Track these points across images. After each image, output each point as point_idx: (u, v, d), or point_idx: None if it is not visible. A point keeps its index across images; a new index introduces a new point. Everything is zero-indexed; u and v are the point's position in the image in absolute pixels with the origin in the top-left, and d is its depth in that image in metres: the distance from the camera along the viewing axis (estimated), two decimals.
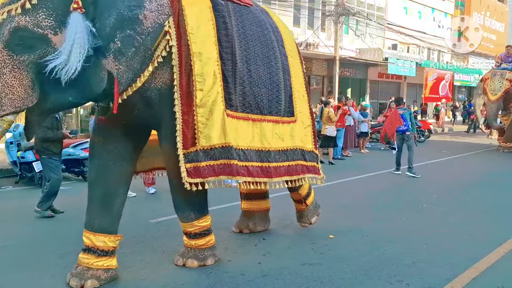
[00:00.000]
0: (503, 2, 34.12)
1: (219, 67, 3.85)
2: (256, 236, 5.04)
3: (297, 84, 4.74)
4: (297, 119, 4.60)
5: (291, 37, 5.09)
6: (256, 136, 4.10)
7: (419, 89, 25.45)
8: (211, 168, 3.72)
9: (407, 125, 9.30)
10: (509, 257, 4.55)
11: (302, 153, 4.59)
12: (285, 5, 17.76)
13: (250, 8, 4.40)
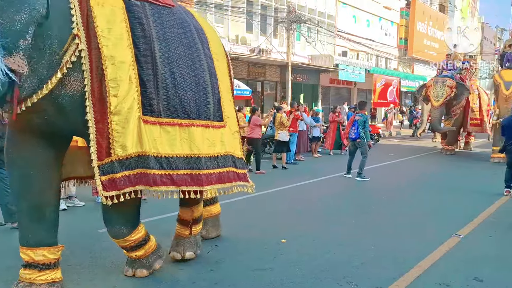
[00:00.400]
0: (444, 12, 36.02)
1: (135, 71, 3.62)
2: (208, 243, 5.01)
3: (224, 88, 4.54)
4: (226, 124, 4.41)
5: (218, 39, 4.86)
6: (185, 141, 3.87)
7: (368, 95, 26.29)
8: (127, 179, 3.51)
9: (357, 133, 9.42)
10: (451, 254, 4.79)
11: (233, 160, 4.38)
12: (238, 12, 17.86)
13: (172, 9, 4.15)
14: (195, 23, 4.43)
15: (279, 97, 20.55)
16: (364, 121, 9.43)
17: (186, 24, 4.23)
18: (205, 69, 4.21)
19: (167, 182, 3.70)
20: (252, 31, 19.44)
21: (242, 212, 6.58)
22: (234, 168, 4.36)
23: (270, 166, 11.05)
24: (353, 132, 9.44)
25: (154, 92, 3.73)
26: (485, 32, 44.50)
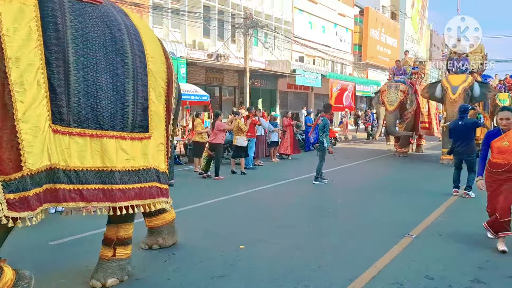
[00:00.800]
0: (396, 20, 37.42)
1: (44, 75, 3.28)
2: (165, 252, 4.93)
3: (156, 96, 4.12)
4: (152, 136, 4.03)
5: (155, 41, 4.38)
6: (96, 154, 3.55)
7: (325, 99, 26.83)
8: (37, 197, 3.20)
9: (316, 137, 9.46)
10: (404, 254, 4.95)
11: (157, 174, 4.03)
12: (195, 17, 17.78)
13: (98, 6, 3.76)
14: (128, 22, 4.04)
15: (237, 102, 20.60)
16: (324, 125, 9.46)
17: (115, 23, 3.84)
18: (129, 76, 3.82)
19: (75, 198, 3.42)
20: (209, 36, 19.42)
21: (200, 219, 6.53)
22: (158, 183, 4.04)
23: (228, 171, 11.04)
24: (313, 137, 9.53)
25: (65, 99, 3.40)
26: (434, 39, 46.65)
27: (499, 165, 4.99)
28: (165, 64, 4.29)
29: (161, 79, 4.19)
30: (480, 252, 5.03)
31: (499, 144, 4.98)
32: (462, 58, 13.37)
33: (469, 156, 8.15)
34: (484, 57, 14.96)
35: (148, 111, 4.00)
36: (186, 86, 13.61)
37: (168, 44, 15.36)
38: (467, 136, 8.18)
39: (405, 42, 38.07)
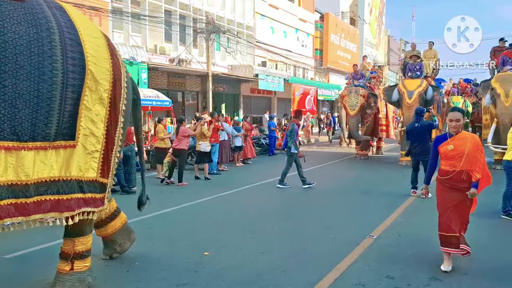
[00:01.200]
0: (355, 25, 38.38)
1: None
2: (127, 262, 4.83)
3: (92, 101, 3.74)
4: (78, 144, 3.69)
5: (100, 40, 3.94)
6: (10, 167, 3.25)
7: (288, 104, 27.15)
8: None
9: (285, 142, 9.70)
10: (365, 255, 5.06)
11: (79, 185, 3.71)
12: (156, 21, 17.57)
13: (23, 4, 3.39)
14: (62, 20, 3.62)
15: (200, 107, 20.49)
16: (291, 131, 9.64)
17: (43, 21, 3.46)
18: (57, 82, 3.45)
19: None
20: (171, 41, 19.24)
21: (164, 227, 6.44)
22: (80, 194, 3.71)
23: (192, 177, 10.95)
24: (283, 142, 9.76)
25: None
26: (391, 44, 48.16)
27: (447, 172, 4.55)
28: (109, 63, 3.89)
29: (104, 80, 3.82)
30: (437, 250, 5.20)
31: (445, 148, 4.56)
32: (417, 63, 13.78)
33: (425, 157, 8.31)
34: (437, 62, 15.56)
35: (77, 118, 3.65)
36: (147, 92, 13.44)
37: (129, 49, 15.12)
38: (423, 138, 8.50)
39: (364, 47, 39.09)
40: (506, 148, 11.42)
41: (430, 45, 16.09)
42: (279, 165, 13.95)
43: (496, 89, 11.79)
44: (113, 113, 3.91)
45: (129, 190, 9.14)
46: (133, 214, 6.99)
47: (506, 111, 11.48)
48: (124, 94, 4.06)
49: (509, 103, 11.46)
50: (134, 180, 9.49)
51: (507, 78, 11.81)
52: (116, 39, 16.65)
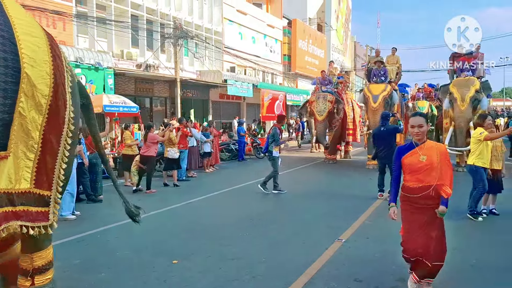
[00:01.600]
0: (322, 31, 38.97)
1: None
2: (93, 272, 4.69)
3: (28, 108, 3.31)
4: (11, 153, 3.28)
5: (40, 39, 3.49)
6: None
7: (257, 109, 27.23)
8: None
9: (266, 147, 9.78)
10: (334, 258, 5.11)
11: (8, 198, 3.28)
12: (122, 26, 17.30)
13: None
14: None
15: (168, 113, 20.27)
16: (273, 135, 9.69)
17: None
18: None
19: None
20: (138, 46, 18.97)
21: (131, 235, 6.30)
22: (10, 207, 3.28)
23: (161, 184, 10.80)
24: (265, 146, 9.80)
25: None
26: (357, 50, 49.16)
27: (413, 190, 3.93)
28: (50, 66, 3.46)
29: (43, 85, 3.38)
30: None
31: (411, 159, 3.94)
32: (381, 68, 14.16)
33: (391, 160, 8.61)
34: (400, 68, 16.00)
35: (10, 128, 3.20)
36: (114, 98, 13.19)
37: (94, 54, 14.82)
38: (389, 142, 8.71)
39: (332, 53, 39.73)
40: (461, 150, 11.97)
41: (393, 51, 16.43)
42: (249, 170, 14.00)
43: (453, 94, 12.30)
44: (54, 120, 3.49)
45: (96, 198, 8.92)
46: (98, 224, 6.86)
47: (462, 114, 11.99)
48: (70, 100, 3.67)
49: (465, 107, 11.96)
50: (100, 189, 9.28)
51: (463, 83, 12.33)
52: (81, 44, 16.30)
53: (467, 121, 11.90)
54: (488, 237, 6.15)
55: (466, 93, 11.98)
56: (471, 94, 11.97)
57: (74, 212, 7.46)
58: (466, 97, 11.94)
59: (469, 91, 12.00)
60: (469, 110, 11.96)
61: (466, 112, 11.93)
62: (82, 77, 13.94)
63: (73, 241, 5.98)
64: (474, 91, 12.02)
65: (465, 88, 12.10)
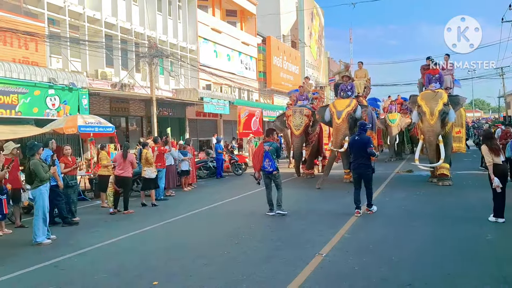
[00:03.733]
0: (296, 48, 39.59)
1: None
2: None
3: None
4: None
5: None
6: None
7: (234, 126, 27.29)
8: None
9: (273, 165, 8.80)
10: (315, 273, 5.13)
11: None
12: (96, 46, 17.20)
13: None
14: None
15: (145, 132, 20.11)
16: (276, 149, 8.95)
17: None
18: None
19: None
20: (112, 65, 18.87)
21: (109, 258, 6.19)
22: None
23: (139, 204, 10.67)
24: (268, 165, 8.78)
25: None
26: (331, 65, 50.03)
27: None
28: None
29: None
30: (383, 263, 5.41)
31: None
32: (349, 83, 13.93)
33: (365, 170, 8.55)
34: (368, 81, 16.02)
35: None
36: (89, 118, 13.02)
37: (68, 75, 14.65)
38: (363, 152, 8.54)
39: (306, 69, 40.31)
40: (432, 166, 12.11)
41: (359, 65, 16.31)
42: (227, 187, 13.97)
43: (422, 107, 12.13)
44: None
45: (71, 221, 8.74)
46: (74, 248, 6.72)
47: (432, 129, 11.91)
48: None
49: (434, 121, 11.84)
50: (75, 211, 9.17)
51: (431, 96, 12.15)
52: (54, 65, 16.11)
53: (437, 135, 11.96)
54: None
55: (434, 107, 11.90)
56: (440, 107, 11.88)
57: (50, 236, 7.27)
58: (435, 111, 11.87)
59: (438, 104, 11.91)
60: (438, 123, 11.92)
61: (436, 126, 11.88)
62: (55, 98, 13.76)
63: (48, 266, 5.83)
64: (442, 105, 11.94)
65: (433, 102, 12.01)
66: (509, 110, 48.01)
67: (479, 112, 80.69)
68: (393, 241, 6.53)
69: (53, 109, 13.68)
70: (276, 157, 8.91)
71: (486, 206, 8.16)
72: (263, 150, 8.85)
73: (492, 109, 78.55)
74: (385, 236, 6.89)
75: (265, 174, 8.95)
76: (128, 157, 10.04)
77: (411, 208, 9.12)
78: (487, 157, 7.53)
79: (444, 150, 12.08)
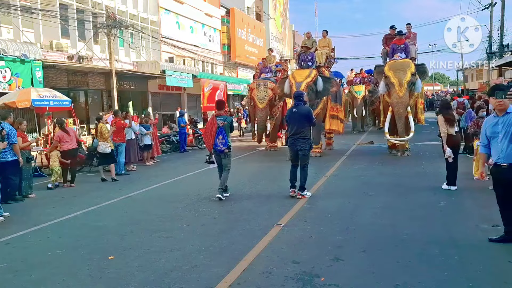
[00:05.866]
0: (261, 20, 39.11)
1: None
2: (23, 274, 4.45)
3: None
4: None
5: None
6: None
7: (198, 99, 26.92)
8: None
9: (226, 142, 7.68)
10: (273, 243, 5.18)
11: None
12: (50, 15, 16.33)
13: None
14: None
15: (105, 106, 19.54)
16: (231, 124, 7.89)
17: None
18: None
19: None
20: (68, 36, 18.03)
21: (65, 234, 6.04)
22: None
23: (99, 179, 10.44)
24: (221, 142, 7.66)
25: None
26: (296, 38, 49.84)
27: None
28: None
29: None
30: (339, 232, 5.52)
31: None
32: (309, 53, 13.30)
33: (304, 146, 7.62)
34: (332, 51, 15.14)
35: None
36: (43, 91, 12.47)
37: (19, 45, 13.91)
38: (301, 125, 7.61)
39: (271, 42, 40.00)
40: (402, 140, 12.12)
41: (323, 34, 15.51)
42: (190, 161, 13.85)
43: (390, 78, 11.78)
44: None
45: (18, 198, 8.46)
46: (28, 225, 6.52)
47: (401, 100, 11.59)
48: None
49: (403, 93, 11.55)
50: (30, 188, 8.96)
51: (399, 67, 11.79)
52: (5, 35, 15.25)
53: (406, 107, 11.70)
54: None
55: (403, 78, 11.56)
56: (408, 78, 11.57)
57: (2, 214, 7.00)
58: (403, 82, 11.55)
59: (406, 75, 11.59)
60: (407, 95, 11.65)
61: (405, 98, 11.59)
62: (6, 70, 13.07)
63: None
64: (410, 75, 11.64)
65: (401, 72, 11.66)
66: (466, 83, 49.58)
67: (439, 86, 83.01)
68: (351, 211, 6.67)
69: (3, 81, 13.01)
70: (230, 132, 7.90)
71: (440, 175, 8.47)
72: (216, 125, 7.70)
73: (451, 82, 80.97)
74: (343, 205, 7.02)
75: (216, 153, 7.83)
76: (70, 131, 10.02)
77: (369, 179, 9.33)
78: (442, 128, 7.75)
79: (412, 122, 11.97)
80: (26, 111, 13.39)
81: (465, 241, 5.02)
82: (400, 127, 12.04)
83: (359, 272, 4.20)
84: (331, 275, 4.14)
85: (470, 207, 6.73)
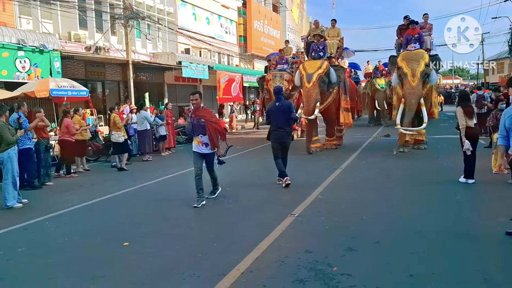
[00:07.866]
0: (277, 12, 38.87)
1: None
2: (41, 258, 4.54)
3: None
4: None
5: None
6: None
7: (214, 91, 26.96)
8: None
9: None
10: (286, 232, 5.18)
11: None
12: (68, 6, 16.49)
13: None
14: None
15: (122, 97, 19.72)
16: None
17: None
18: None
19: None
20: (86, 28, 18.20)
21: (81, 221, 6.14)
22: None
23: (114, 169, 10.59)
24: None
25: None
26: None
27: None
28: None
29: None
30: (353, 223, 5.49)
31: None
32: (321, 43, 12.69)
33: (287, 139, 7.93)
34: (341, 41, 14.54)
35: None
36: (61, 81, 12.62)
37: (38, 36, 14.09)
38: (285, 119, 7.84)
39: (287, 34, 39.75)
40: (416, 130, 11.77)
41: (332, 24, 14.82)
42: None
43: (403, 68, 11.37)
44: None
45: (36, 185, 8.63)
46: (46, 211, 6.64)
47: (414, 91, 11.18)
48: None
49: (416, 83, 11.15)
50: (47, 176, 9.12)
51: (413, 57, 11.43)
52: (24, 26, 15.46)
53: (418, 98, 11.28)
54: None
55: (416, 68, 11.17)
56: (422, 68, 11.18)
57: (21, 200, 7.15)
58: (417, 72, 11.13)
59: (419, 65, 11.21)
60: (420, 85, 11.24)
61: (417, 88, 11.17)
62: (25, 60, 13.27)
63: (18, 229, 5.77)
64: (424, 65, 11.27)
65: (415, 62, 11.27)
66: (487, 76, 48.60)
67: (459, 79, 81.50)
68: (366, 202, 6.62)
69: (23, 71, 13.21)
70: None
71: (458, 168, 8.33)
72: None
73: (471, 76, 79.38)
74: (358, 197, 6.98)
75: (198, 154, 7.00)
76: (64, 122, 10.21)
77: (385, 171, 9.24)
78: (460, 120, 7.60)
79: (426, 113, 11.50)
80: (44, 101, 13.59)
81: (481, 234, 4.93)
82: (408, 119, 11.42)
83: (372, 262, 4.17)
84: (344, 265, 4.12)
85: (487, 200, 6.62)
